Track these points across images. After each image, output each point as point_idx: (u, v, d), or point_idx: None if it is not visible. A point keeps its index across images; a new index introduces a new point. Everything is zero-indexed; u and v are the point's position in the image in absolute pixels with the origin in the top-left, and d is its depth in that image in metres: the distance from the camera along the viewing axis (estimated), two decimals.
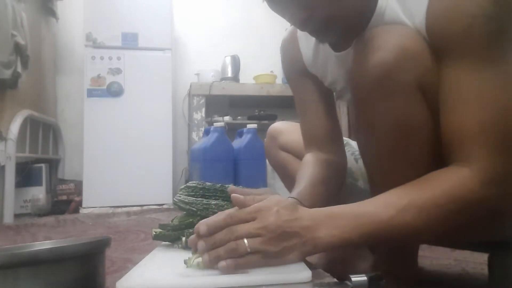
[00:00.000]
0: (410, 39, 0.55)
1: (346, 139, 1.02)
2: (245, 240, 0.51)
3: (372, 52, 0.55)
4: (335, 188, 0.82)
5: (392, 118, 0.57)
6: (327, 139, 0.84)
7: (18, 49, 2.13)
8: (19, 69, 2.14)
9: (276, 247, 0.52)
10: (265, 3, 0.62)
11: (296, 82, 0.88)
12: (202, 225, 0.54)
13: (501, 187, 0.52)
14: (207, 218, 0.55)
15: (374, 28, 0.59)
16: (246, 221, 0.53)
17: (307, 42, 0.82)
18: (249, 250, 0.51)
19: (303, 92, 0.87)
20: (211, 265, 0.53)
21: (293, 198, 0.72)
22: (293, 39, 0.86)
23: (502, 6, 0.51)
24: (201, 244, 0.53)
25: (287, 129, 0.98)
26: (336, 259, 0.89)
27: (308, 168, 0.79)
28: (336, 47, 0.71)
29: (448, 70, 0.54)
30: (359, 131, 0.65)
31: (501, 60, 0.52)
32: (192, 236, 0.56)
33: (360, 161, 0.95)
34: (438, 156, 0.59)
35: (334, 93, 0.86)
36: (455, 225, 0.54)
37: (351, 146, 1.00)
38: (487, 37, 0.51)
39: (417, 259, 0.73)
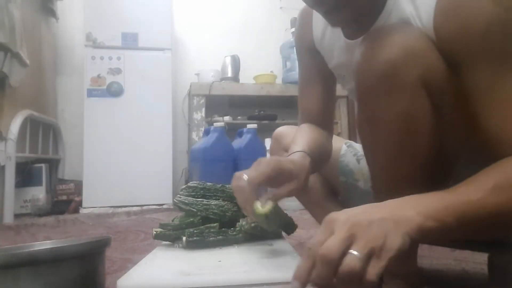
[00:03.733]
0: (415, 38, 0.57)
1: (350, 142, 1.04)
2: (354, 252, 0.42)
3: (379, 49, 0.57)
4: (327, 152, 0.89)
5: (396, 114, 0.57)
6: (321, 116, 0.90)
7: (1, 48, 2.09)
8: (6, 69, 2.10)
9: (373, 232, 0.43)
10: (266, 3, 0.64)
11: (304, 56, 0.92)
12: (294, 283, 0.44)
13: None
14: (296, 270, 0.45)
15: (382, 25, 0.63)
16: (326, 239, 0.44)
17: (319, 21, 0.84)
18: (355, 252, 0.42)
19: (308, 68, 0.91)
20: None
21: (304, 152, 0.76)
22: (308, 14, 0.87)
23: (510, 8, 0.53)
24: None
25: (291, 132, 0.99)
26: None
27: (307, 131, 0.86)
28: (348, 35, 0.73)
29: (473, 73, 0.55)
30: (362, 125, 0.65)
31: None
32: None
33: (362, 162, 0.95)
34: (440, 152, 0.60)
35: (338, 78, 0.88)
36: None
37: (354, 147, 1.01)
38: (506, 40, 0.53)
39: (416, 258, 0.73)
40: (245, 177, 0.67)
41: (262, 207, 0.62)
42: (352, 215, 0.46)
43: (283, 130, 1.04)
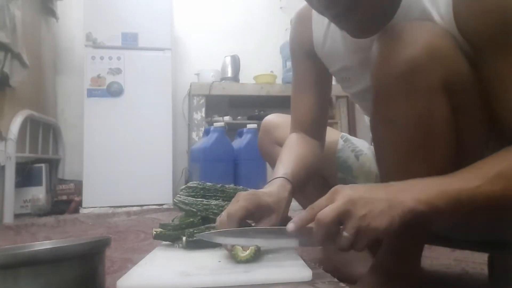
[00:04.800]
0: (439, 37, 0.56)
1: (345, 135, 1.01)
2: (344, 233, 0.50)
3: (400, 47, 0.56)
4: (314, 171, 0.87)
5: (414, 116, 0.57)
6: (314, 125, 0.87)
7: (3, 48, 2.09)
8: (6, 68, 2.10)
9: (364, 212, 0.50)
10: (266, 3, 0.63)
11: (300, 61, 0.88)
12: (290, 224, 0.54)
13: None
14: (295, 217, 0.55)
15: (402, 22, 0.60)
16: (326, 205, 0.52)
17: (320, 24, 0.81)
18: (345, 233, 0.50)
19: (304, 73, 0.88)
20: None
21: (285, 178, 0.74)
22: (307, 17, 0.83)
23: None
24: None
25: (283, 123, 0.96)
26: (336, 261, 0.88)
27: (295, 148, 0.83)
28: (357, 34, 0.70)
29: (492, 62, 0.56)
30: (376, 125, 0.64)
31: None
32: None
33: (361, 158, 0.93)
34: (456, 156, 0.59)
35: (341, 82, 0.85)
36: None
37: (351, 142, 0.98)
38: None
39: (420, 260, 0.72)
40: (224, 214, 0.66)
41: (243, 250, 0.61)
42: (355, 192, 0.52)
43: (272, 120, 1.00)
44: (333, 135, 0.98)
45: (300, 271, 0.55)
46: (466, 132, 0.59)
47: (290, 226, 0.54)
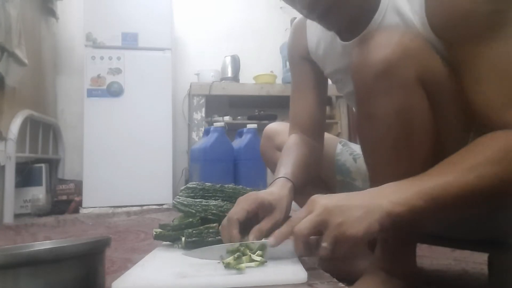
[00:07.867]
0: (410, 38, 0.60)
1: (344, 140, 1.03)
2: (323, 243, 0.52)
3: (375, 49, 0.60)
4: (315, 170, 0.91)
5: (393, 111, 0.59)
6: (312, 126, 0.91)
7: None
8: (2, 68, 2.08)
9: (340, 220, 0.51)
10: (266, 3, 0.66)
11: (297, 65, 0.93)
12: (270, 238, 0.57)
13: None
14: (276, 231, 0.58)
15: (378, 26, 0.65)
16: (304, 217, 0.54)
17: (313, 30, 0.86)
18: (324, 243, 0.52)
19: (301, 76, 0.93)
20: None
21: (286, 178, 0.76)
22: (302, 24, 0.90)
23: None
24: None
25: (283, 130, 1.00)
26: (336, 258, 0.89)
27: (295, 149, 0.86)
28: (344, 37, 0.75)
29: (462, 51, 0.58)
30: (360, 124, 0.67)
31: (507, 33, 0.56)
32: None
33: (359, 161, 0.95)
34: (438, 148, 0.61)
35: (335, 84, 0.89)
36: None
37: (349, 146, 1.01)
38: (489, 16, 0.56)
39: (416, 258, 0.73)
40: (226, 218, 0.68)
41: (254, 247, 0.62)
42: (331, 201, 0.54)
43: (274, 127, 1.03)
44: (332, 140, 1.02)
45: (295, 273, 0.55)
46: (446, 125, 0.62)
47: (271, 240, 0.57)
